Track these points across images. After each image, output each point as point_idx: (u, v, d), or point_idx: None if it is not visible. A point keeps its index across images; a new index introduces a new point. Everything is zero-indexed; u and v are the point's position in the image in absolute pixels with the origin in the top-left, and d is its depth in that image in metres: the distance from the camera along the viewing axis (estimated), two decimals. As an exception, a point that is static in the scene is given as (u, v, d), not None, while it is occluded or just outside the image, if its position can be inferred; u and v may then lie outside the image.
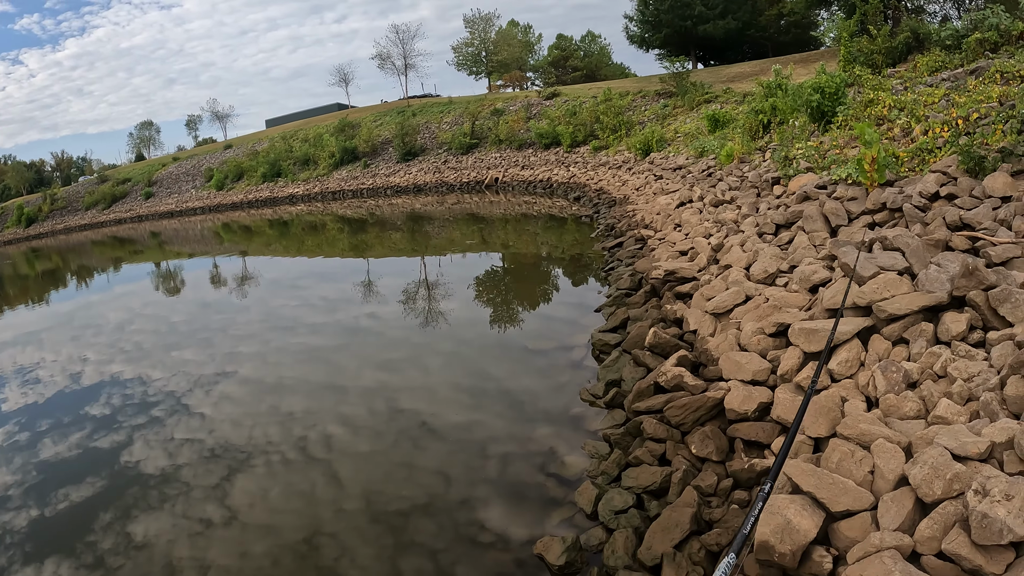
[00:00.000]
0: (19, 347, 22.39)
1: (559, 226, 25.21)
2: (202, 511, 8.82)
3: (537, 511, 7.31)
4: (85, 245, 64.72)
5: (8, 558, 8.80)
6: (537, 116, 44.26)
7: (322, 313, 18.60)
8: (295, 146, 64.28)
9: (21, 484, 10.99)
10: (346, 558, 7.15)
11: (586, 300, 15.13)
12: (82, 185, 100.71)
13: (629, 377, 9.21)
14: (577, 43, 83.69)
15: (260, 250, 36.34)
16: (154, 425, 12.26)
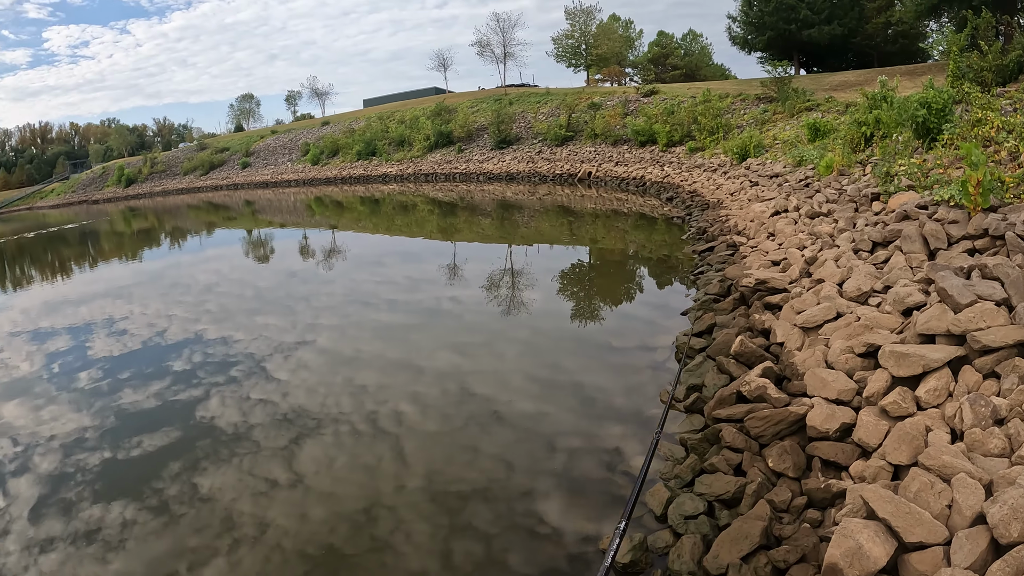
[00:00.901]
0: (110, 299, 23.97)
1: (649, 225, 25.02)
2: (268, 471, 9.27)
3: (599, 508, 7.39)
4: (181, 208, 68.34)
5: (77, 494, 9.56)
6: (634, 113, 43.97)
7: (404, 291, 19.08)
8: (391, 127, 65.90)
9: (99, 427, 11.90)
10: (401, 532, 7.42)
11: (670, 302, 15.04)
12: (181, 151, 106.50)
13: (711, 383, 9.22)
14: (678, 41, 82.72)
15: (349, 225, 37.50)
16: (231, 384, 12.96)
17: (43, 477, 10.22)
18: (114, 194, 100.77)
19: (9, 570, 7.99)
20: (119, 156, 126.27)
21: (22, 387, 14.81)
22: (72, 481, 9.93)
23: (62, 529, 8.64)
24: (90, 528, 8.52)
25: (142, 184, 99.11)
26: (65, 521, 8.83)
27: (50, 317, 22.69)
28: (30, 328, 21.21)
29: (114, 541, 8.14)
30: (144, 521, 8.49)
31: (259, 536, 7.74)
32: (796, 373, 8.45)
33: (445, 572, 6.74)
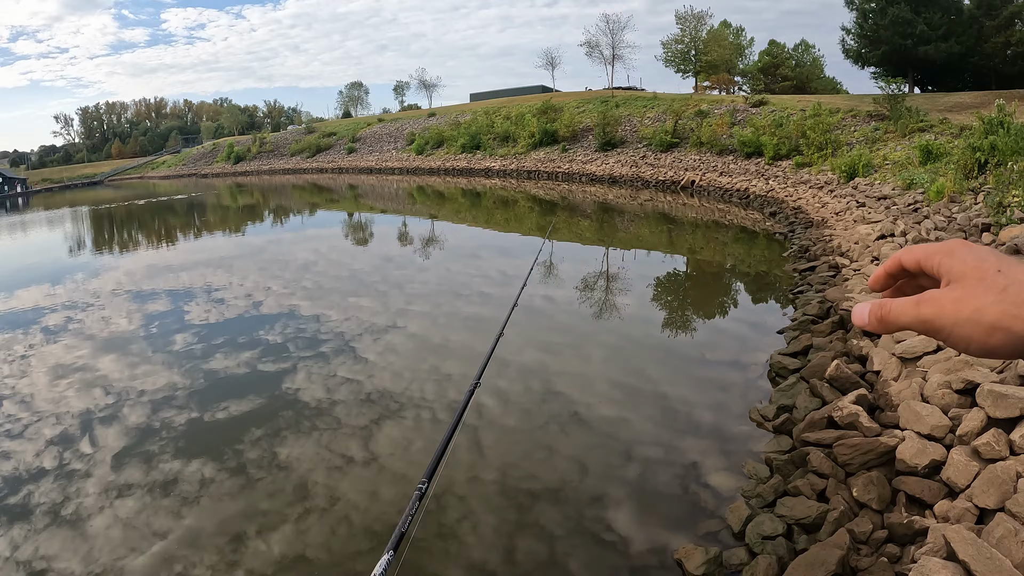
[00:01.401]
0: (211, 268, 25.10)
1: (750, 240, 24.37)
2: (345, 447, 9.47)
3: (669, 522, 7.24)
4: (285, 187, 71.02)
5: (160, 448, 10.06)
6: (741, 123, 42.93)
7: (497, 286, 19.18)
8: (496, 122, 66.59)
9: (188, 388, 12.46)
10: (468, 522, 7.47)
11: (766, 320, 14.62)
12: (290, 133, 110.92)
13: (803, 405, 9.03)
14: (789, 51, 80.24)
15: (449, 216, 38.05)
16: (319, 360, 13.31)
17: (129, 429, 10.79)
18: (222, 170, 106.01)
19: (85, 510, 8.44)
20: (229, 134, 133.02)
21: (120, 344, 15.66)
22: (156, 435, 10.44)
23: (141, 479, 9.08)
24: (168, 481, 8.92)
25: (250, 162, 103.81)
26: (145, 472, 9.28)
27: (152, 280, 23.95)
28: (132, 289, 22.44)
29: (190, 496, 8.48)
30: (220, 481, 8.82)
31: (329, 508, 7.90)
32: (890, 403, 8.28)
33: (505, 567, 6.76)
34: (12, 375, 14.05)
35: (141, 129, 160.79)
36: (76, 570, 7.16)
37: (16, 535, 7.96)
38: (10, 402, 12.45)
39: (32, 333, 17.29)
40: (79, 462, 9.73)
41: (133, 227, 47.52)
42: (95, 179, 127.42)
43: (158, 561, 7.13)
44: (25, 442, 10.60)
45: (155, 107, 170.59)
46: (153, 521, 7.93)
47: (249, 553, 7.14)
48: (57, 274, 27.14)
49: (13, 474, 9.56)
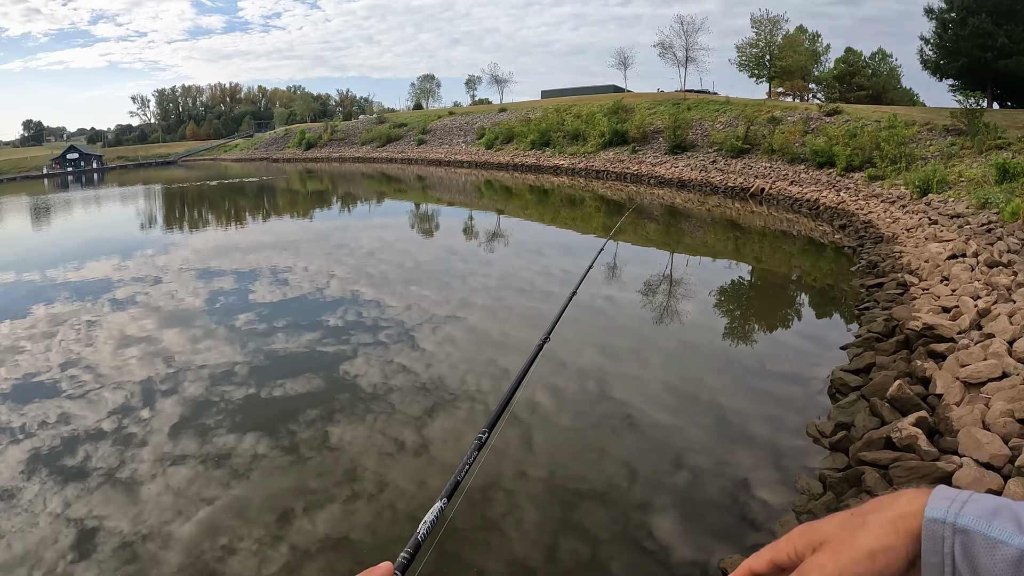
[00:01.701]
0: (277, 251, 25.66)
1: (817, 252, 23.74)
2: (397, 434, 9.55)
3: (713, 535, 7.10)
4: (355, 175, 72.21)
5: (216, 421, 10.34)
6: (814, 131, 41.74)
7: (559, 284, 19.10)
8: (567, 120, 66.35)
9: (248, 364, 12.75)
10: (512, 517, 7.46)
11: (827, 335, 14.22)
12: (361, 122, 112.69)
13: (861, 424, 8.84)
14: (866, 59, 77.47)
15: (515, 212, 38.13)
16: (378, 347, 13.48)
17: (188, 400, 11.11)
18: (293, 155, 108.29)
19: (139, 476, 8.72)
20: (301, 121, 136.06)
21: (184, 318, 16.13)
22: (213, 408, 10.73)
23: (195, 449, 9.34)
24: (221, 453, 9.15)
25: (320, 149, 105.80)
26: (199, 443, 9.54)
27: (219, 259, 24.63)
28: (199, 267, 23.11)
29: (241, 470, 8.67)
30: (272, 457, 9.00)
31: (376, 493, 7.98)
32: (950, 428, 8.04)
33: (546, 565, 6.74)
34: (79, 342, 14.61)
35: (215, 112, 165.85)
36: (125, 530, 7.39)
37: (70, 494, 8.28)
38: (76, 368, 12.96)
39: (100, 303, 17.95)
40: (137, 428, 10.06)
41: (203, 207, 48.91)
42: (169, 159, 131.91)
43: (204, 529, 7.30)
44: (87, 406, 11.00)
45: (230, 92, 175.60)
46: (203, 491, 8.14)
47: (294, 530, 7.26)
48: (128, 248, 28.14)
49: (73, 436, 9.94)
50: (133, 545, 7.12)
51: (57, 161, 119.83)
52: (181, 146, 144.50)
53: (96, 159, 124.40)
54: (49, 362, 13.36)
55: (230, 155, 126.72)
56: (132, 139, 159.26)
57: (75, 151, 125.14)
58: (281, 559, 6.78)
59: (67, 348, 14.17)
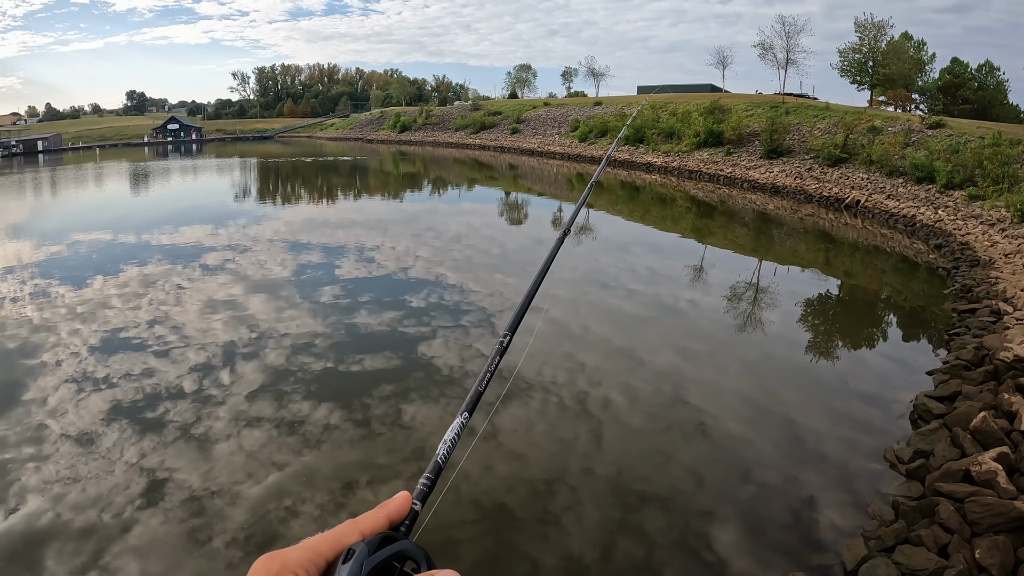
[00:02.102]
0: (366, 229, 26.16)
1: (909, 271, 22.69)
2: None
3: (772, 554, 6.92)
4: (447, 160, 72.99)
5: (293, 389, 10.63)
6: (915, 144, 39.69)
7: (643, 283, 18.90)
8: (662, 117, 65.19)
9: (328, 337, 13.07)
10: (573, 512, 7.45)
11: (913, 358, 13.59)
12: (456, 108, 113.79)
13: (941, 454, 8.53)
14: (972, 72, 73.33)
15: (604, 207, 37.79)
16: (458, 330, 13.66)
17: (267, 367, 11.47)
18: (387, 137, 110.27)
19: (214, 434, 9.07)
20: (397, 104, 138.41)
21: (271, 288, 16.61)
22: (291, 377, 11.05)
23: (270, 414, 9.64)
24: (295, 420, 9.42)
25: (415, 132, 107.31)
26: (275, 408, 9.85)
27: (308, 233, 25.27)
28: (289, 239, 23.76)
29: (312, 438, 8.90)
30: (344, 429, 9.21)
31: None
32: None
33: (600, 563, 6.69)
34: (168, 303, 15.24)
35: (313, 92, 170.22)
36: (195, 484, 7.70)
37: (146, 445, 8.67)
38: (162, 326, 13.53)
39: (192, 268, 18.67)
40: (216, 389, 10.44)
41: (297, 182, 50.27)
42: (266, 134, 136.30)
43: (272, 492, 7.53)
44: (170, 363, 11.48)
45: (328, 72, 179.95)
46: (274, 455, 8.39)
47: (357, 500, 7.41)
48: (221, 217, 29.22)
49: (154, 391, 10.40)
50: (201, 499, 7.41)
51: (158, 131, 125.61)
52: (278, 122, 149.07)
53: (195, 131, 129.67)
54: (137, 319, 14.01)
55: (325, 134, 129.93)
56: (231, 113, 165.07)
57: (175, 122, 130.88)
58: (342, 528, 6.90)
59: (155, 307, 14.81)
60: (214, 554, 6.58)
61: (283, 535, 6.77)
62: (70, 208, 37.08)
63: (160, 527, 6.96)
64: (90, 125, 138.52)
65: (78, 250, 21.98)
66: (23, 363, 11.68)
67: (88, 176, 56.11)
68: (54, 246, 22.61)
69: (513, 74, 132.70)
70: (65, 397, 10.24)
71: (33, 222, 30.65)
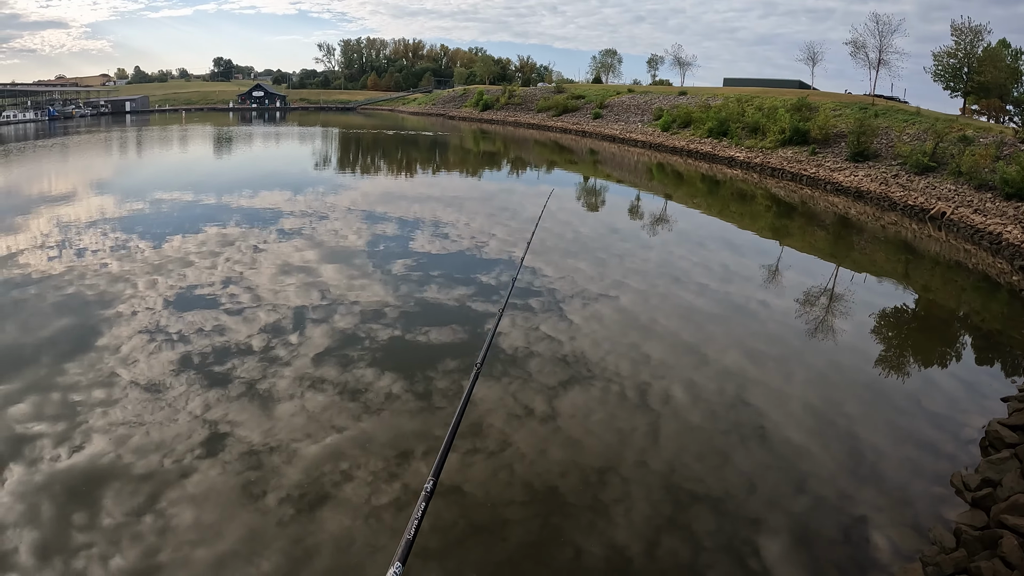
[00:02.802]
0: (442, 205, 26.42)
1: (990, 291, 21.62)
2: (529, 400, 9.65)
3: (828, 565, 6.79)
4: (527, 141, 73.03)
5: (359, 355, 10.84)
6: (1007, 158, 37.59)
7: (717, 279, 18.58)
8: (748, 111, 63.72)
9: (398, 308, 13.30)
10: (623, 505, 7.41)
11: (987, 383, 12.96)
12: (539, 90, 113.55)
13: (1009, 484, 8.19)
14: None
15: (683, 199, 37.27)
16: (526, 311, 13.69)
17: (335, 332, 11.73)
18: (469, 114, 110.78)
19: (277, 393, 9.33)
20: (480, 82, 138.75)
21: (344, 256, 16.93)
22: (358, 344, 11.27)
23: (334, 377, 9.87)
24: (357, 387, 9.61)
25: (496, 111, 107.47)
26: (339, 372, 10.07)
27: (385, 205, 25.62)
28: (366, 210, 24.16)
29: (373, 406, 9.07)
30: (405, 399, 9.36)
31: (497, 452, 8.13)
32: None
33: (643, 558, 6.65)
34: (243, 263, 15.69)
35: (397, 66, 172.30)
36: (254, 440, 7.94)
37: (211, 398, 8.98)
38: (237, 286, 13.93)
39: (268, 231, 19.15)
40: (283, 350, 10.71)
41: (377, 154, 50.96)
42: (349, 105, 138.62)
43: (328, 453, 7.72)
44: (241, 322, 11.83)
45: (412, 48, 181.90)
46: (334, 418, 8.58)
47: (410, 471, 7.53)
48: (300, 184, 29.86)
49: (224, 346, 10.75)
50: (259, 454, 7.65)
51: (243, 97, 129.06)
52: (361, 95, 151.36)
53: (280, 99, 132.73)
54: (213, 278, 14.48)
55: (408, 108, 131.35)
56: (315, 84, 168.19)
57: (260, 89, 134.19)
58: (392, 494, 7.07)
59: (231, 267, 15.27)
60: (267, 510, 6.78)
61: (335, 496, 6.93)
62: (153, 167, 38.46)
63: (217, 478, 7.20)
64: (177, 89, 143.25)
65: (160, 208, 22.82)
66: (100, 313, 12.20)
67: (172, 137, 57.99)
68: (137, 203, 23.54)
69: (598, 59, 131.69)
70: (137, 346, 10.67)
71: (117, 179, 31.81)
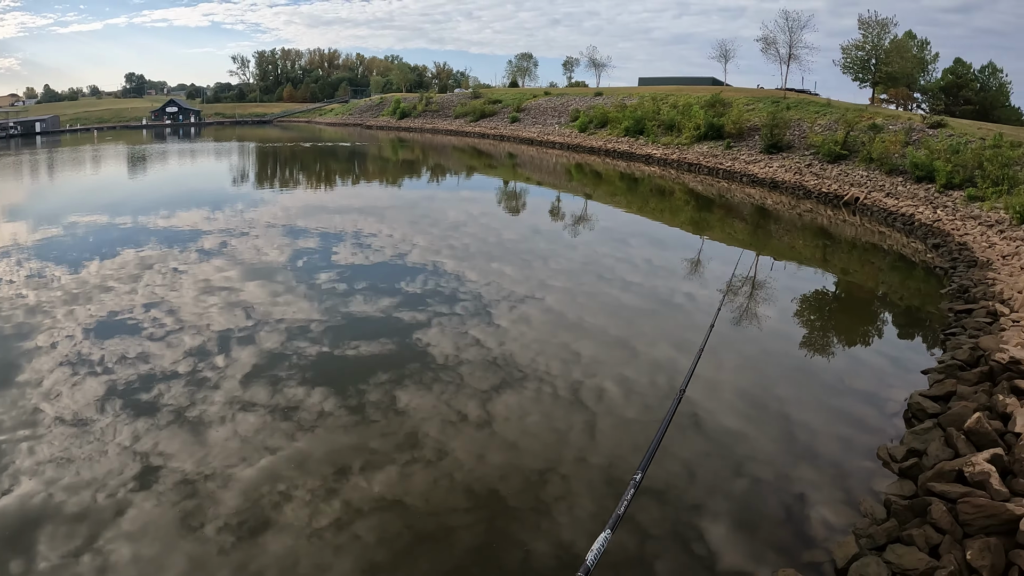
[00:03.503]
0: (363, 215, 26.17)
1: (906, 270, 22.70)
2: (463, 406, 9.67)
3: (763, 549, 6.97)
4: (446, 148, 72.97)
5: (288, 374, 10.65)
6: (916, 143, 39.63)
7: (641, 274, 18.93)
8: (663, 109, 65.23)
9: (324, 323, 13.10)
10: (565, 503, 7.49)
11: (908, 357, 13.67)
12: (456, 96, 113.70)
13: (934, 453, 8.58)
14: (975, 73, 73.33)
15: (603, 198, 37.81)
16: (453, 318, 13.67)
17: (263, 351, 11.49)
18: (387, 123, 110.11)
19: (208, 417, 9.10)
20: (397, 90, 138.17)
21: (267, 272, 16.63)
22: (286, 362, 11.07)
23: (265, 399, 9.67)
24: (289, 406, 9.45)
25: (414, 119, 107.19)
26: (269, 393, 9.87)
27: (305, 218, 25.26)
28: (287, 224, 23.77)
29: (306, 424, 8.93)
30: (338, 414, 9.25)
31: (435, 461, 8.11)
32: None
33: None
34: (164, 286, 15.24)
35: (313, 77, 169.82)
36: (188, 468, 7.73)
37: (140, 428, 8.70)
38: (158, 310, 13.53)
39: (188, 252, 18.67)
40: (210, 373, 10.46)
41: (295, 167, 50.18)
42: (265, 118, 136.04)
43: (265, 476, 7.57)
44: (166, 347, 11.49)
45: (328, 57, 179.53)
46: (268, 439, 8.42)
47: (349, 486, 7.44)
48: (218, 201, 29.19)
49: (149, 374, 10.41)
50: (194, 483, 7.44)
51: (156, 113, 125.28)
52: (277, 107, 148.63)
53: (194, 114, 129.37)
54: (133, 302, 14.01)
55: (325, 119, 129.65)
56: (230, 97, 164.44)
57: (174, 105, 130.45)
58: (333, 513, 6.97)
59: (152, 291, 14.82)
60: (207, 538, 6.60)
61: (275, 519, 6.81)
62: (67, 190, 36.97)
63: (153, 510, 6.99)
64: (88, 107, 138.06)
65: (75, 232, 21.95)
66: (18, 345, 11.68)
67: (85, 158, 55.97)
68: (51, 228, 22.57)
69: (514, 63, 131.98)
70: (60, 379, 10.25)
71: (30, 204, 30.58)
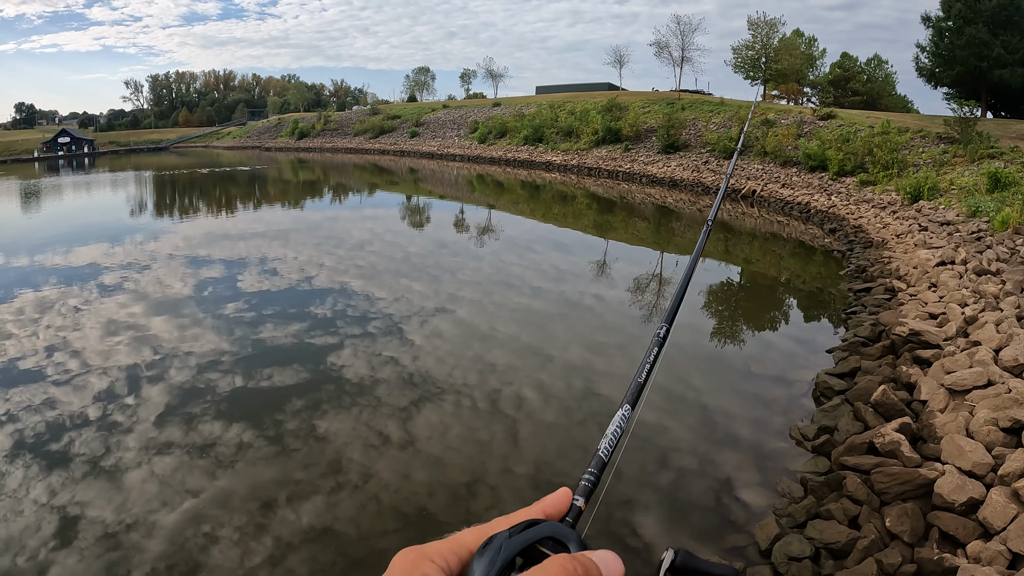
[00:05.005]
0: (267, 240, 25.60)
1: (806, 255, 23.86)
2: (383, 427, 9.57)
3: (695, 535, 7.18)
4: (347, 166, 72.11)
5: (202, 410, 10.30)
6: (807, 135, 41.80)
7: (549, 280, 19.15)
8: (561, 116, 66.39)
9: (234, 354, 12.73)
10: (496, 511, 7.30)
11: (814, 338, 14.36)
12: (354, 113, 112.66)
13: (844, 428, 8.93)
14: (861, 65, 77.94)
15: (507, 207, 38.11)
16: (366, 338, 13.49)
17: (174, 388, 11.07)
18: (286, 144, 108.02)
19: (124, 463, 8.70)
20: (295, 110, 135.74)
21: (171, 305, 16.07)
22: (199, 397, 10.69)
23: (180, 438, 9.31)
24: (206, 443, 9.13)
25: (313, 139, 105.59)
26: (184, 431, 9.52)
27: (208, 247, 24.54)
28: (189, 254, 23.02)
29: (226, 460, 8.66)
30: (258, 447, 9.00)
31: (361, 485, 8.00)
32: (933, 435, 8.11)
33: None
34: (65, 327, 14.52)
35: (209, 100, 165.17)
36: (108, 519, 7.37)
37: (54, 481, 8.24)
38: (61, 353, 12.89)
39: (88, 289, 17.84)
40: (122, 416, 10.01)
41: (194, 194, 48.66)
42: (161, 145, 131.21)
43: (188, 518, 7.30)
44: (72, 392, 10.95)
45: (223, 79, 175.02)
46: (188, 480, 8.13)
47: (277, 520, 7.26)
48: (116, 234, 27.96)
49: (57, 422, 9.89)
50: (116, 534, 7.11)
51: (48, 145, 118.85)
52: (173, 132, 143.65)
53: (87, 143, 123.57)
54: (35, 347, 13.27)
55: (222, 143, 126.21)
56: (124, 124, 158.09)
57: (67, 135, 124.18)
58: (264, 550, 6.78)
59: (53, 333, 14.08)
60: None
61: (204, 563, 6.58)
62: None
63: (77, 566, 6.64)
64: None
65: (-37, 277, 20.77)
66: (-91, 401, 10.98)
67: (-31, 197, 52.96)
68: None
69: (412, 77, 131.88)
70: (-41, 435, 9.68)
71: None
